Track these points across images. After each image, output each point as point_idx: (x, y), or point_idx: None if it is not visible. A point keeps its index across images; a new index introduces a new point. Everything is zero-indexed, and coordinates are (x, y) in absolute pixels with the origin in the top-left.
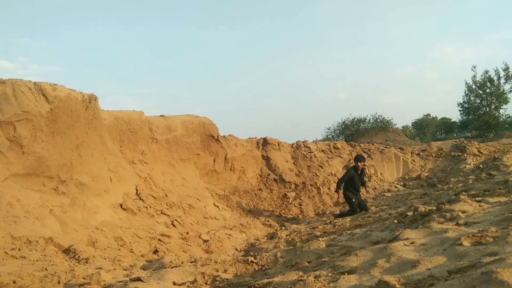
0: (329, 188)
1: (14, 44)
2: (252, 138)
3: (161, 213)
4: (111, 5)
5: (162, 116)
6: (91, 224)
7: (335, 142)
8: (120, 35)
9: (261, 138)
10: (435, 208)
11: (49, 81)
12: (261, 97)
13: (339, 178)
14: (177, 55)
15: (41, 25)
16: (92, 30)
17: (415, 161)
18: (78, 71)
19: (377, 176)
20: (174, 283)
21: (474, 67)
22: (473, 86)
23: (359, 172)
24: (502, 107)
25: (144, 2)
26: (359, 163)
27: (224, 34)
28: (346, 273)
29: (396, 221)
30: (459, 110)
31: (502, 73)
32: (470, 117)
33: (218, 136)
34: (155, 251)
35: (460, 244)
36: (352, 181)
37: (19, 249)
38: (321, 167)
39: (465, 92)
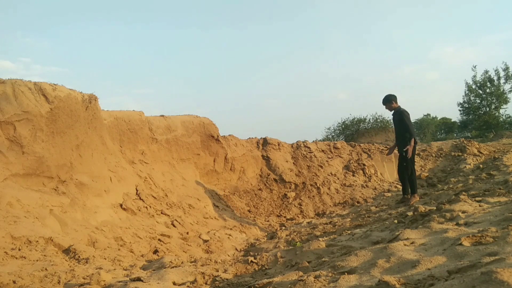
0: (329, 188)
1: (17, 44)
2: (252, 138)
3: (161, 213)
4: (113, 5)
5: (162, 116)
6: (91, 224)
7: (335, 142)
8: (120, 35)
9: (261, 138)
10: (435, 208)
11: (51, 82)
12: (261, 97)
13: (410, 127)
14: (177, 55)
15: (44, 25)
16: (93, 30)
17: (415, 161)
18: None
19: (377, 176)
20: (174, 283)
21: (474, 67)
22: (473, 86)
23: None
24: (502, 107)
25: (144, 2)
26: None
27: (225, 34)
28: (346, 273)
29: (396, 221)
30: (459, 110)
31: (502, 73)
32: (470, 117)
33: (218, 136)
34: (155, 251)
35: (460, 244)
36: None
37: (19, 249)
38: (321, 167)
39: (465, 92)
